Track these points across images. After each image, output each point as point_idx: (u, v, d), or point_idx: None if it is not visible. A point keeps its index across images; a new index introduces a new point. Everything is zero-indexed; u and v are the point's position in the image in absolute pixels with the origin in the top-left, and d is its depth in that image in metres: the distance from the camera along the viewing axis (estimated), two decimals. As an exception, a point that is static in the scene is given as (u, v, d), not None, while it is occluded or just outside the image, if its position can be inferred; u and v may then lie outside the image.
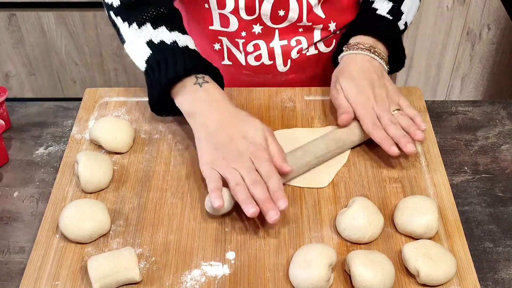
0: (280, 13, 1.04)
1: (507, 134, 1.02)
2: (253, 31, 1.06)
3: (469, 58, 2.17)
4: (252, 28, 1.06)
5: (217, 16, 1.06)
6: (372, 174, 0.93)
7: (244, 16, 1.04)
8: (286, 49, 1.09)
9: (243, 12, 1.04)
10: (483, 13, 2.05)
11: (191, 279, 0.79)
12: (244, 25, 1.06)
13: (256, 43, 1.08)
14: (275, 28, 1.06)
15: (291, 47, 1.09)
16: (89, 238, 0.82)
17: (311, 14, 1.05)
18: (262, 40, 1.08)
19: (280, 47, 1.09)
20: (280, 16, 1.04)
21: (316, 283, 0.76)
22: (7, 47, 2.15)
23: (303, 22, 1.06)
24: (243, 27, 1.06)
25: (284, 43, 1.09)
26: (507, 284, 0.80)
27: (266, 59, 1.10)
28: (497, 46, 2.13)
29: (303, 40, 1.09)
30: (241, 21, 1.05)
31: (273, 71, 1.12)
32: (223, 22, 1.07)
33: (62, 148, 0.99)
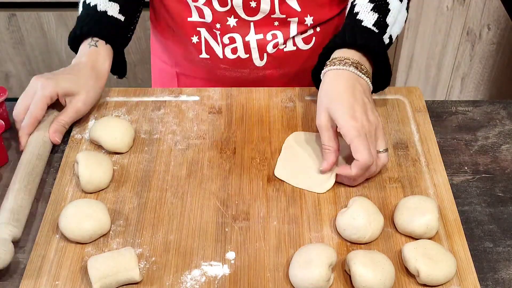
0: (252, 4, 1.03)
1: (507, 134, 1.02)
2: (228, 24, 1.07)
3: (469, 58, 2.17)
4: (227, 20, 1.06)
5: (193, 7, 1.07)
6: (372, 174, 0.93)
7: (217, 8, 1.05)
8: (262, 43, 1.09)
9: (216, 3, 1.04)
10: (483, 13, 2.05)
11: (191, 279, 0.79)
12: (219, 17, 1.06)
13: (232, 36, 1.08)
14: (250, 21, 1.06)
15: (267, 41, 1.09)
16: (89, 238, 0.82)
17: (284, 5, 1.05)
18: (237, 34, 1.08)
19: (256, 41, 1.09)
20: (252, 8, 1.04)
21: (316, 283, 0.76)
22: (7, 47, 2.15)
23: (276, 14, 1.05)
24: (218, 19, 1.06)
25: (260, 37, 1.09)
26: (507, 284, 0.80)
27: (242, 52, 1.10)
28: (497, 46, 2.13)
29: (279, 35, 1.09)
30: (215, 13, 1.06)
31: (250, 65, 1.12)
32: (199, 13, 1.07)
33: (62, 148, 0.99)
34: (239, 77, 1.13)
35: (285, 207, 0.88)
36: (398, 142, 0.98)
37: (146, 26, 2.05)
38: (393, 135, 0.99)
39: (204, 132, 1.00)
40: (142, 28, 2.06)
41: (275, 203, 0.88)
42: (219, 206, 0.88)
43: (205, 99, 1.06)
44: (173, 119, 1.02)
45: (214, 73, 1.14)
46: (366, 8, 0.96)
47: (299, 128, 1.00)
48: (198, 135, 0.99)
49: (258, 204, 0.88)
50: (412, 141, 0.98)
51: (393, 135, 0.99)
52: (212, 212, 0.87)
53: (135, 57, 2.18)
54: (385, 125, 1.01)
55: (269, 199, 0.89)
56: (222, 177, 0.92)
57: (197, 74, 1.17)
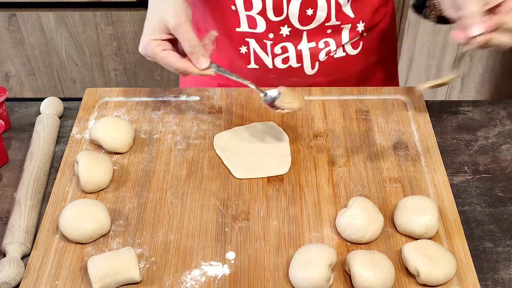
0: (309, 12, 1.02)
1: (507, 134, 1.02)
2: (280, 33, 1.05)
3: (469, 58, 2.17)
4: (280, 30, 1.05)
5: (244, 17, 1.05)
6: (372, 174, 0.93)
7: (271, 17, 1.03)
8: (314, 51, 1.08)
9: (270, 13, 1.03)
10: (483, 13, 2.04)
11: (191, 279, 0.79)
12: (272, 26, 1.05)
13: (284, 45, 1.07)
14: (303, 30, 1.05)
15: (319, 49, 1.08)
16: (89, 238, 0.82)
17: (340, 13, 1.04)
18: (290, 43, 1.07)
19: (308, 49, 1.08)
20: (308, 16, 1.03)
21: (316, 283, 0.76)
22: (7, 47, 2.15)
23: (332, 21, 1.04)
24: (271, 29, 1.05)
25: (312, 45, 1.08)
26: (507, 284, 0.80)
27: (293, 61, 1.09)
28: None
29: (331, 42, 1.08)
30: (269, 22, 1.04)
31: (300, 74, 1.11)
32: (250, 23, 1.05)
33: (62, 148, 0.99)
34: (288, 85, 1.12)
35: (285, 207, 0.88)
36: (398, 142, 0.98)
37: (146, 26, 2.04)
38: (393, 135, 0.99)
39: (204, 132, 1.00)
40: (142, 28, 2.06)
41: (275, 203, 0.88)
42: (219, 206, 0.88)
43: (205, 99, 1.06)
44: (173, 119, 1.02)
45: (262, 82, 1.12)
46: None
47: (298, 128, 1.00)
48: (198, 135, 0.99)
49: (258, 204, 0.88)
50: (412, 141, 0.98)
51: (393, 135, 0.99)
52: (212, 212, 0.87)
53: (135, 57, 2.18)
54: (385, 125, 1.01)
55: (269, 199, 0.89)
56: (222, 177, 0.92)
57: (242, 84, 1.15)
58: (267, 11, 1.02)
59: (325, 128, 1.01)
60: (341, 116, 1.03)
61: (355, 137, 0.99)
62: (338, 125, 1.01)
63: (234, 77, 0.94)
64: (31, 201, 0.87)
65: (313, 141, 0.98)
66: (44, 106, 1.04)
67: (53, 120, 1.01)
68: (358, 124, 1.01)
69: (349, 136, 0.99)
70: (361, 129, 1.00)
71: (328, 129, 1.00)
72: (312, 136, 0.99)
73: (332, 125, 1.01)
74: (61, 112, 1.05)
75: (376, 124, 1.01)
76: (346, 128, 1.00)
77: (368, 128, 1.01)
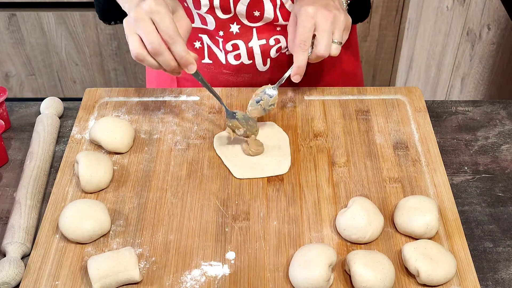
0: (256, 14, 1.04)
1: (507, 134, 1.02)
2: (230, 31, 1.06)
3: (469, 58, 2.17)
4: (230, 27, 1.06)
5: (196, 14, 1.07)
6: (372, 174, 0.93)
7: (220, 15, 1.04)
8: (265, 48, 1.09)
9: (219, 11, 1.04)
10: (483, 13, 2.05)
11: (191, 279, 0.79)
12: (221, 24, 1.06)
13: (235, 43, 1.08)
14: (253, 27, 1.06)
15: (270, 46, 1.09)
16: (89, 238, 0.82)
17: (287, 14, 1.05)
18: (240, 40, 1.08)
19: (259, 46, 1.09)
20: (256, 16, 1.04)
21: (316, 283, 0.76)
22: (7, 47, 2.15)
23: (280, 21, 1.06)
24: (221, 26, 1.06)
25: (263, 43, 1.08)
26: (507, 284, 0.80)
27: (245, 58, 1.10)
28: (497, 46, 2.13)
29: (281, 39, 1.09)
30: (218, 20, 1.05)
31: (253, 70, 1.12)
32: (202, 20, 1.07)
33: (62, 148, 0.99)
34: (242, 81, 1.13)
35: (285, 207, 0.88)
36: (398, 142, 0.98)
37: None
38: (393, 135, 0.99)
39: (204, 132, 1.00)
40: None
41: (275, 203, 0.88)
42: (219, 206, 0.88)
43: (205, 99, 1.06)
44: (173, 119, 1.02)
45: (216, 78, 1.14)
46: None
47: (298, 128, 1.00)
48: (198, 135, 0.99)
49: (258, 204, 0.88)
50: (412, 141, 0.98)
51: (393, 135, 0.99)
52: (212, 212, 0.87)
53: (135, 57, 2.18)
54: (385, 125, 1.01)
55: (269, 199, 0.89)
56: (222, 177, 0.92)
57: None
58: (215, 10, 1.04)
59: (325, 128, 1.01)
60: (341, 116, 1.03)
61: (355, 137, 0.99)
62: (338, 125, 1.01)
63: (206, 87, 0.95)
64: (31, 201, 0.87)
65: (313, 141, 0.98)
66: (44, 106, 1.04)
67: (53, 120, 1.01)
68: (358, 124, 1.01)
69: (349, 136, 0.99)
70: (361, 129, 1.00)
71: (328, 129, 1.00)
72: (312, 136, 0.99)
73: (332, 125, 1.01)
74: (61, 112, 1.05)
75: (376, 124, 1.01)
76: (346, 128, 1.01)
77: (368, 128, 1.01)
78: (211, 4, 1.02)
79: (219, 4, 1.02)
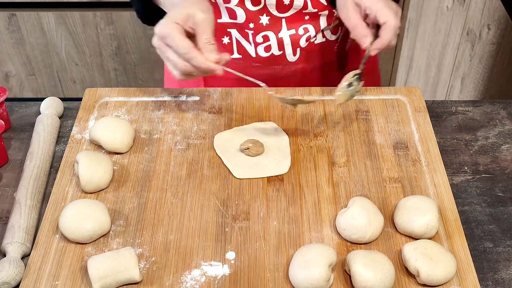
0: (286, 1, 1.04)
1: (507, 134, 1.02)
2: (260, 22, 1.07)
3: (469, 58, 2.17)
4: (260, 19, 1.07)
5: (224, 9, 1.07)
6: (372, 174, 0.93)
7: (250, 7, 1.05)
8: (295, 38, 1.10)
9: (248, 3, 1.05)
10: (483, 13, 2.05)
11: (191, 279, 0.79)
12: (251, 16, 1.06)
13: (265, 34, 1.09)
14: (282, 17, 1.07)
15: (299, 36, 1.10)
16: (89, 238, 0.82)
17: (316, 0, 1.06)
18: (270, 31, 1.09)
19: (289, 36, 1.09)
20: (285, 5, 1.05)
21: (316, 283, 0.76)
22: (7, 47, 2.15)
23: (309, 9, 1.06)
24: (251, 19, 1.07)
25: (292, 32, 1.09)
26: (507, 284, 0.80)
27: (275, 49, 1.11)
28: (497, 46, 2.13)
29: (310, 28, 1.09)
30: (248, 13, 1.06)
31: (283, 61, 1.13)
32: (231, 14, 1.07)
33: (62, 148, 0.99)
34: (272, 73, 1.14)
35: (285, 207, 0.88)
36: (398, 142, 0.98)
37: (146, 26, 2.04)
38: (393, 135, 0.99)
39: (204, 132, 1.00)
40: (142, 28, 2.06)
41: (275, 203, 0.88)
42: (219, 206, 0.88)
43: (205, 99, 1.06)
44: (173, 119, 1.02)
45: (245, 72, 1.13)
46: None
47: (298, 129, 1.00)
48: (198, 135, 0.99)
49: (258, 204, 0.88)
50: (412, 141, 0.98)
51: (393, 135, 0.99)
52: (212, 212, 0.87)
53: (135, 57, 2.18)
54: (385, 125, 1.01)
55: (269, 199, 0.89)
56: (222, 177, 0.92)
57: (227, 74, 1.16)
58: (245, 2, 1.04)
59: (325, 128, 1.01)
60: (341, 116, 1.03)
61: (355, 137, 0.99)
62: (338, 125, 1.01)
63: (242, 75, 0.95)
64: (31, 201, 0.87)
65: (313, 141, 0.98)
66: (44, 106, 1.04)
67: (53, 120, 1.01)
68: (358, 124, 1.01)
69: (349, 136, 0.99)
70: (361, 129, 1.00)
71: (328, 129, 1.00)
72: (312, 136, 0.99)
73: (332, 125, 1.01)
74: (61, 112, 1.05)
75: (376, 124, 1.01)
76: (346, 128, 1.01)
77: (368, 128, 1.01)
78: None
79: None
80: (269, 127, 1.00)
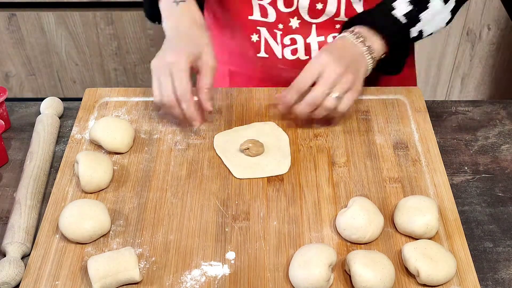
0: (318, 6, 1.04)
1: (507, 134, 1.02)
2: (290, 25, 1.07)
3: (469, 58, 2.17)
4: (289, 21, 1.06)
5: (257, 6, 1.06)
6: (372, 174, 0.93)
7: (282, 8, 1.05)
8: (323, 45, 1.08)
9: (281, 4, 1.04)
10: (483, 13, 2.05)
11: (191, 279, 0.79)
12: (282, 17, 1.06)
13: (293, 37, 1.08)
14: (313, 23, 1.06)
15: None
16: (89, 238, 0.82)
17: (350, 9, 1.04)
18: (299, 35, 1.08)
19: (317, 43, 1.09)
20: (318, 10, 1.04)
21: (316, 283, 0.76)
22: (7, 47, 2.15)
23: (341, 17, 1.05)
24: (281, 19, 1.06)
25: (321, 39, 1.09)
26: (507, 284, 0.80)
27: (302, 54, 1.10)
28: (497, 46, 2.13)
29: None
30: (279, 13, 1.06)
31: None
32: (262, 12, 1.07)
33: (62, 148, 0.99)
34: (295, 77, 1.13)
35: (285, 207, 0.88)
36: (398, 142, 0.98)
37: (146, 26, 2.04)
38: (393, 135, 0.99)
39: (204, 132, 1.00)
40: (142, 28, 2.06)
41: (275, 203, 0.88)
42: (219, 206, 0.88)
43: (205, 99, 1.06)
44: (173, 119, 1.02)
45: (270, 72, 1.13)
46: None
47: (298, 128, 1.00)
48: (198, 135, 0.99)
49: (258, 204, 0.88)
50: (412, 141, 0.98)
51: (393, 135, 0.99)
52: (212, 212, 0.87)
53: (135, 57, 2.18)
54: (385, 125, 1.01)
55: (269, 199, 0.89)
56: (222, 177, 0.92)
57: (252, 73, 1.16)
58: (277, 2, 1.04)
59: (325, 128, 1.01)
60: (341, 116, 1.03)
61: (355, 137, 0.99)
62: (338, 125, 1.01)
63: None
64: (31, 201, 0.87)
65: (313, 141, 0.98)
66: (44, 106, 1.04)
67: (53, 120, 1.01)
68: (358, 124, 1.01)
69: (349, 136, 0.99)
70: (361, 129, 1.00)
71: (328, 129, 1.00)
72: (312, 136, 0.99)
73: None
74: (61, 112, 1.05)
75: (376, 124, 1.01)
76: (346, 128, 1.00)
77: (368, 128, 1.01)
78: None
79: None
80: (269, 127, 1.00)
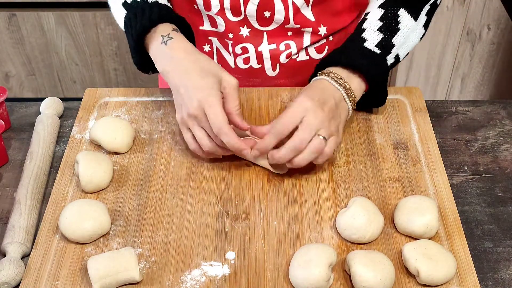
0: (266, 15, 1.02)
1: (507, 134, 1.02)
2: (240, 34, 1.06)
3: (469, 58, 2.17)
4: (240, 30, 1.05)
5: (206, 17, 1.06)
6: (372, 174, 0.93)
7: (230, 17, 1.04)
8: (275, 53, 1.08)
9: (229, 13, 1.03)
10: (483, 13, 2.05)
11: (191, 279, 0.79)
12: (232, 26, 1.05)
13: (244, 46, 1.07)
14: (263, 31, 1.05)
15: (280, 52, 1.08)
16: (89, 238, 0.82)
17: (298, 15, 1.03)
18: (250, 44, 1.07)
19: (269, 51, 1.08)
20: (266, 18, 1.03)
21: (316, 283, 0.76)
22: (7, 47, 2.15)
23: (291, 24, 1.04)
24: (231, 29, 1.05)
25: (273, 47, 1.07)
26: (507, 284, 0.80)
27: (254, 62, 1.10)
28: (497, 46, 2.13)
29: (292, 45, 1.07)
30: (228, 23, 1.04)
31: (262, 75, 1.11)
32: (212, 22, 1.06)
33: (62, 148, 0.99)
34: (252, 86, 1.12)
35: (285, 207, 0.88)
36: (398, 142, 0.98)
37: (146, 26, 2.04)
38: (393, 135, 0.99)
39: (204, 132, 1.00)
40: (142, 28, 2.06)
41: (275, 203, 0.88)
42: (219, 206, 0.88)
43: (205, 99, 1.06)
44: (173, 119, 1.02)
45: None
46: (373, 27, 0.96)
47: (299, 128, 1.00)
48: (198, 135, 0.99)
49: (258, 204, 0.88)
50: (412, 141, 0.98)
51: (393, 135, 0.99)
52: (212, 212, 0.87)
53: (135, 57, 2.18)
54: (385, 125, 1.01)
55: (269, 199, 0.89)
56: (222, 177, 0.92)
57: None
58: (225, 11, 1.03)
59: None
60: (341, 116, 1.03)
61: (355, 137, 0.99)
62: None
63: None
64: (31, 201, 0.87)
65: (313, 141, 0.98)
66: (44, 106, 1.04)
67: (53, 120, 1.01)
68: (358, 124, 1.01)
69: (349, 136, 0.99)
70: (361, 129, 1.00)
71: (328, 129, 1.00)
72: (312, 136, 0.99)
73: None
74: (61, 112, 1.05)
75: (376, 124, 1.01)
76: (346, 128, 1.00)
77: (368, 128, 1.01)
78: (222, 5, 1.01)
79: (229, 4, 1.01)
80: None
